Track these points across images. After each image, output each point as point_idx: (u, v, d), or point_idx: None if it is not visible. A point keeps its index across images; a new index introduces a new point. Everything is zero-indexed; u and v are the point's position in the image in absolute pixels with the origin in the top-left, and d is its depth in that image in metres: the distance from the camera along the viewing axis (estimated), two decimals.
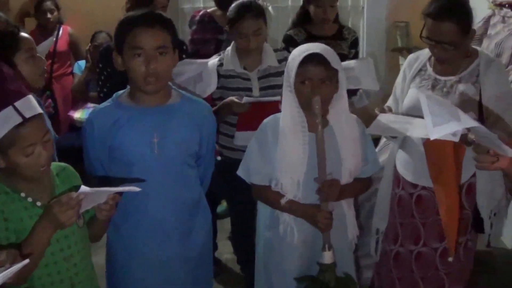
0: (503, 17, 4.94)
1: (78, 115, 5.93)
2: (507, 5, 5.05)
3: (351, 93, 4.19)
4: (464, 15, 3.19)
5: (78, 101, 6.19)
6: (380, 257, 3.68)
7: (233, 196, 4.09)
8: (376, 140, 3.89)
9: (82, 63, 6.22)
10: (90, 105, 5.77)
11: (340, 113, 2.98)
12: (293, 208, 3.03)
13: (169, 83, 3.01)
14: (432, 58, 3.38)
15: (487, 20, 5.11)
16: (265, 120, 3.09)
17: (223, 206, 5.12)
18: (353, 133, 3.02)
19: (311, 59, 2.85)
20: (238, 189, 3.38)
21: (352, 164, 3.02)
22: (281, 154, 2.98)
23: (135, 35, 2.75)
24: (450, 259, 3.26)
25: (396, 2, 6.27)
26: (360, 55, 6.46)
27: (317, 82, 2.85)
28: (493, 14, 5.09)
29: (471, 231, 3.46)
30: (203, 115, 3.08)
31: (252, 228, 3.35)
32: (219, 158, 4.01)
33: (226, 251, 4.71)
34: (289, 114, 2.97)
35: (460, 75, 3.30)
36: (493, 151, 2.07)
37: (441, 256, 3.41)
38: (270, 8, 6.29)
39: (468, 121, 2.07)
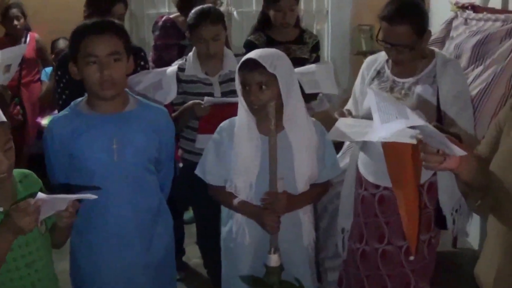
0: (466, 19, 5.00)
1: (46, 121, 5.95)
2: (469, 7, 5.13)
3: (313, 96, 4.27)
4: (418, 17, 3.27)
5: (46, 108, 6.22)
6: (347, 256, 3.74)
7: (197, 200, 4.11)
8: (339, 144, 3.96)
9: (49, 69, 6.27)
10: None
11: (294, 118, 3.04)
12: (244, 208, 3.12)
13: (127, 90, 3.07)
14: (390, 60, 3.45)
15: (449, 23, 5.18)
16: (222, 123, 3.19)
17: (190, 213, 5.17)
18: (309, 138, 3.09)
19: (247, 65, 2.95)
20: (201, 193, 3.40)
21: (307, 170, 3.10)
22: (235, 156, 3.07)
23: (88, 43, 2.81)
24: (411, 258, 3.33)
25: (360, 5, 6.35)
26: (325, 59, 6.59)
27: (254, 87, 2.93)
28: (456, 17, 5.16)
29: (434, 228, 3.54)
30: (161, 121, 3.13)
31: (217, 231, 3.41)
32: (181, 165, 4.06)
33: (194, 256, 4.76)
34: (242, 118, 3.06)
35: (418, 77, 3.37)
36: (441, 151, 2.11)
37: (406, 253, 3.46)
38: (235, 13, 6.41)
39: (415, 120, 2.10)
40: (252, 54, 2.98)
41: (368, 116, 3.27)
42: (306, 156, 3.08)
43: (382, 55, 3.54)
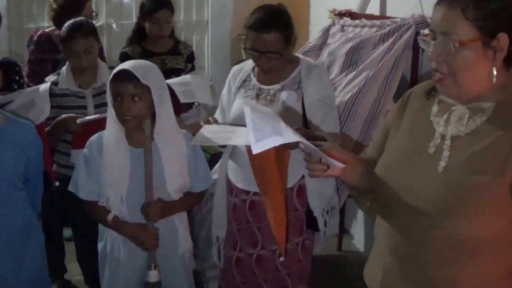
0: (342, 26, 5.16)
1: None
2: (347, 14, 5.31)
3: (189, 106, 4.38)
4: (285, 24, 3.40)
5: None
6: (223, 264, 3.83)
7: (74, 216, 4.17)
8: (218, 156, 4.06)
9: None
10: None
11: (165, 129, 3.11)
12: (118, 226, 3.18)
13: None
14: (256, 68, 3.57)
15: (327, 30, 5.32)
16: (92, 137, 3.24)
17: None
18: (179, 149, 3.18)
19: (119, 76, 3.00)
20: (78, 208, 3.43)
21: (177, 180, 3.19)
22: (105, 169, 3.12)
23: None
24: (282, 259, 3.46)
25: (240, 16, 6.34)
26: (206, 69, 6.68)
27: (126, 98, 2.99)
28: (333, 24, 5.33)
29: (306, 230, 3.66)
30: (29, 136, 3.19)
31: (96, 247, 3.45)
32: (57, 183, 4.09)
33: (76, 273, 4.73)
34: (112, 130, 3.12)
35: (283, 83, 3.50)
36: (323, 160, 2.20)
37: (279, 256, 3.57)
38: (114, 25, 6.44)
39: (290, 136, 2.14)
40: (125, 65, 3.03)
41: (235, 124, 3.41)
42: (176, 166, 3.17)
43: (248, 64, 3.66)
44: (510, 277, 2.16)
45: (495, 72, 2.05)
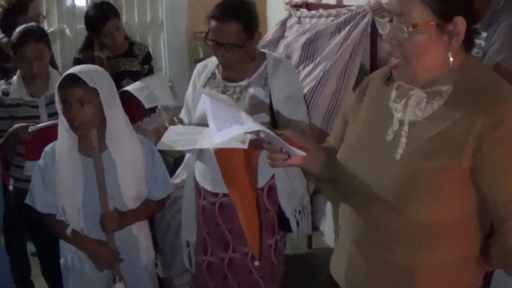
0: (299, 17, 5.12)
1: None
2: (303, 5, 5.26)
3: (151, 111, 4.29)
4: (247, 15, 3.31)
5: None
6: (194, 270, 3.75)
7: (35, 230, 4.04)
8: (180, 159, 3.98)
9: None
10: None
11: (117, 136, 3.04)
12: (77, 241, 3.12)
13: None
14: (221, 65, 3.46)
15: (283, 23, 5.27)
16: (46, 147, 3.15)
17: None
18: (134, 156, 3.12)
19: (66, 81, 2.94)
20: (39, 222, 3.36)
21: (133, 188, 3.12)
22: (59, 180, 3.05)
23: None
24: (256, 263, 3.37)
25: (195, 13, 6.34)
26: (163, 69, 6.59)
27: (74, 103, 2.92)
28: (290, 16, 5.28)
29: (278, 232, 3.59)
30: None
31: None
32: (11, 187, 3.99)
33: None
34: (63, 139, 3.05)
35: (249, 80, 3.41)
36: (285, 149, 2.18)
37: (252, 260, 3.49)
38: (67, 30, 6.33)
39: (251, 125, 2.15)
40: (71, 70, 2.98)
41: (201, 124, 3.31)
42: (131, 173, 3.11)
43: (212, 61, 3.57)
44: (471, 262, 2.18)
45: (451, 58, 2.02)
